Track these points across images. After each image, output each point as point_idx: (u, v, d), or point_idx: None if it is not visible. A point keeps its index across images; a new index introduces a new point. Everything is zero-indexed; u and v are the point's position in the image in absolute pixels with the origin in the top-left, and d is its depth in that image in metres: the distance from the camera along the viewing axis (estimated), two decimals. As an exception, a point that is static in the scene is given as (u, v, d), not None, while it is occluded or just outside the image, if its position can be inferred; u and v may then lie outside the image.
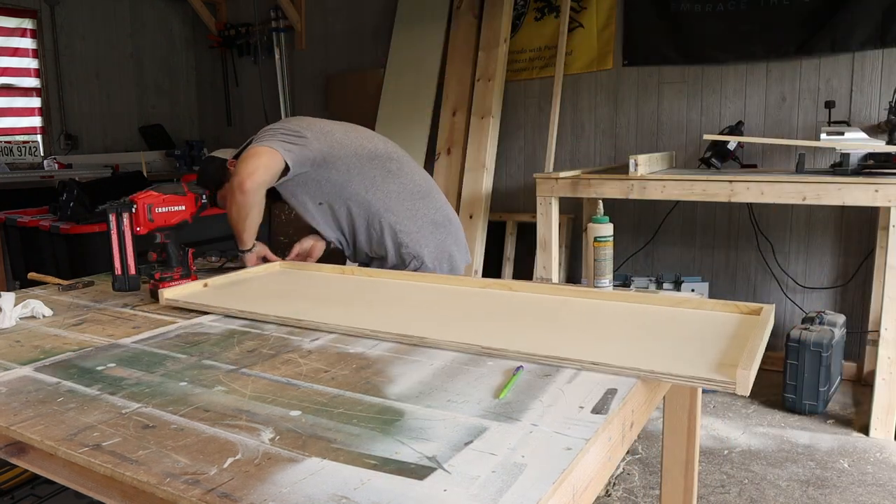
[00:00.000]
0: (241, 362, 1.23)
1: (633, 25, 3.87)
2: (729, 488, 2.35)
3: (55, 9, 5.00)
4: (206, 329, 1.47)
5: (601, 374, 1.11)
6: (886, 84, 3.23)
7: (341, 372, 1.16)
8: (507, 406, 1.00)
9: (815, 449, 2.63)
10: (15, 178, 4.29)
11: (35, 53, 4.95)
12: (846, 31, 3.27)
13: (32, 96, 4.98)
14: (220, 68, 5.79)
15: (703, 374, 1.06)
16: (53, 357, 1.29)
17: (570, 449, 0.85)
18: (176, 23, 5.91)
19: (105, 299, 1.80)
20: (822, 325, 2.98)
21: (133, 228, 1.75)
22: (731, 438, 2.73)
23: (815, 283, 3.53)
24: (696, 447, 1.74)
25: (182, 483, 0.79)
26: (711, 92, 3.70)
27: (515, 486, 0.76)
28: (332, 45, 5.12)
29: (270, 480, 0.79)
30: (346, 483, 0.78)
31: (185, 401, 1.05)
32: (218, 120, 5.94)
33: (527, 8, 4.21)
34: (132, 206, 1.73)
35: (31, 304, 1.62)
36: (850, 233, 3.41)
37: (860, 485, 2.35)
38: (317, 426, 0.94)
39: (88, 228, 2.78)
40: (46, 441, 0.92)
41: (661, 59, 3.80)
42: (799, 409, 2.93)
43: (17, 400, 1.07)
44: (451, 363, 1.19)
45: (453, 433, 0.91)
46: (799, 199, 2.71)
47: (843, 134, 2.89)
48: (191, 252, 1.92)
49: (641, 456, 2.61)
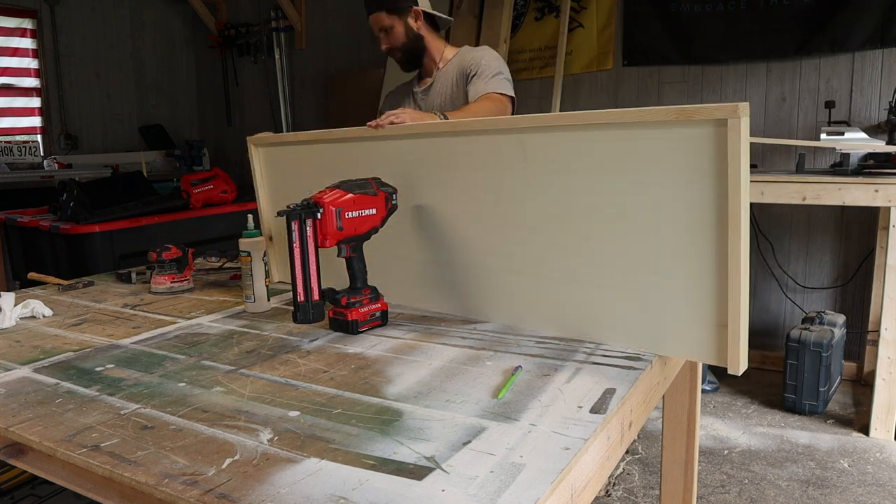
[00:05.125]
0: (240, 363, 1.23)
1: (633, 25, 3.87)
2: (729, 488, 2.34)
3: (55, 9, 5.00)
4: (205, 329, 1.47)
5: (599, 371, 1.11)
6: (886, 84, 3.23)
7: (340, 372, 1.17)
8: (506, 406, 1.00)
9: (815, 449, 2.62)
10: (15, 178, 4.29)
11: (35, 53, 4.95)
12: (846, 31, 3.27)
13: (32, 96, 4.98)
14: (220, 68, 5.78)
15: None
16: (53, 357, 1.29)
17: (569, 449, 0.85)
18: (176, 23, 5.90)
19: (105, 299, 1.80)
20: (822, 325, 2.98)
21: (317, 239, 1.36)
22: (731, 438, 2.73)
23: (815, 283, 3.52)
24: (696, 447, 1.74)
25: (180, 484, 0.79)
26: (711, 92, 3.69)
27: (514, 486, 0.76)
28: (332, 45, 5.11)
29: (269, 481, 0.79)
30: (345, 483, 0.78)
31: (184, 401, 1.05)
32: (218, 120, 5.94)
33: (527, 8, 4.20)
34: (318, 209, 1.34)
35: (31, 304, 1.62)
36: (850, 233, 3.41)
37: (860, 485, 2.34)
38: (315, 426, 0.94)
39: (88, 228, 2.78)
40: (45, 442, 0.92)
41: (661, 59, 3.80)
42: (799, 409, 2.92)
43: (16, 401, 1.07)
44: (449, 363, 1.19)
45: (452, 433, 0.91)
46: (799, 199, 2.71)
47: (843, 134, 2.89)
48: (191, 252, 1.92)
49: (641, 456, 2.61)
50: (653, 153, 1.15)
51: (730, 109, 1.03)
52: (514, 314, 1.41)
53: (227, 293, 1.84)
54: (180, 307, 1.69)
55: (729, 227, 1.07)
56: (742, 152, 1.03)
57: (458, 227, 1.48)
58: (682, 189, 1.12)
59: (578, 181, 1.26)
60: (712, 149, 1.07)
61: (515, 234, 1.37)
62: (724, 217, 1.07)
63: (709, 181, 1.08)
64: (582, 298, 1.29)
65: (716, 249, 1.10)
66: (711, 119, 1.06)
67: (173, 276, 1.86)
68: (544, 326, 1.36)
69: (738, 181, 1.05)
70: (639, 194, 1.17)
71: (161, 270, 1.86)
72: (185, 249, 1.89)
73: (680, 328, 1.17)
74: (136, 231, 2.93)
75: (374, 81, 4.73)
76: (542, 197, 1.32)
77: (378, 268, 1.50)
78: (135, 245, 2.87)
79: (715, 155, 1.07)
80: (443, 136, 1.49)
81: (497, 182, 1.38)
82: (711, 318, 1.12)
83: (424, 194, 1.53)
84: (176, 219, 3.11)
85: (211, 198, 3.31)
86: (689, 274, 1.14)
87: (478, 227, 1.44)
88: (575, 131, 1.25)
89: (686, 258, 1.13)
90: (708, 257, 1.11)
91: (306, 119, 5.30)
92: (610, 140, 1.20)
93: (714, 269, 1.10)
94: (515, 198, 1.36)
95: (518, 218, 1.36)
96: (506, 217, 1.38)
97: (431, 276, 1.56)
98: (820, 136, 2.93)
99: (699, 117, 1.07)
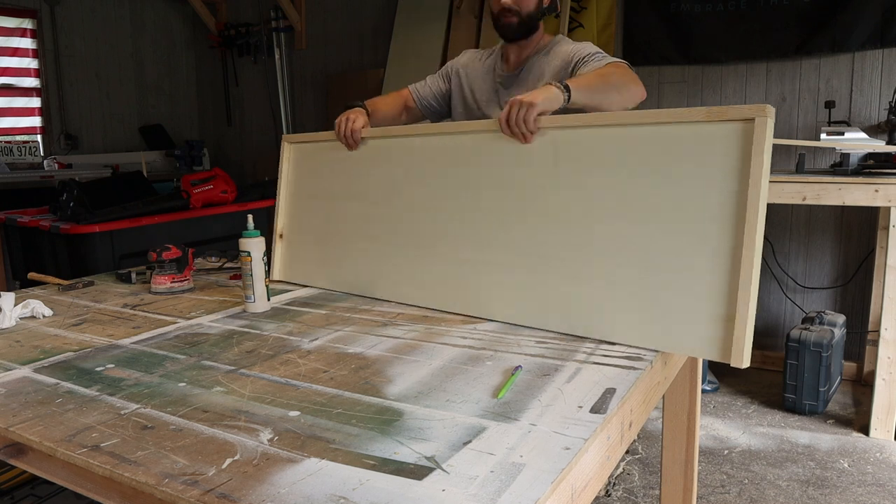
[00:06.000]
0: (240, 363, 1.23)
1: (633, 25, 3.87)
2: (729, 488, 2.34)
3: (55, 9, 5.00)
4: (205, 329, 1.47)
5: (600, 370, 1.11)
6: (886, 84, 3.23)
7: (340, 372, 1.17)
8: (506, 406, 1.00)
9: (815, 449, 2.62)
10: (15, 178, 4.29)
11: (35, 53, 4.94)
12: (846, 31, 3.27)
13: (32, 96, 4.98)
14: (220, 68, 5.79)
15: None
16: (53, 357, 1.29)
17: (569, 448, 0.85)
18: (176, 23, 5.90)
19: (105, 299, 1.80)
20: (822, 325, 2.98)
21: None
22: (731, 438, 2.73)
23: (815, 283, 3.52)
24: (696, 447, 1.74)
25: (181, 484, 0.79)
26: (711, 92, 3.69)
27: (514, 486, 0.76)
28: (332, 45, 5.11)
29: (269, 481, 0.79)
30: (345, 483, 0.78)
31: (184, 401, 1.05)
32: (218, 120, 5.94)
33: (527, 8, 4.20)
34: None
35: (31, 304, 1.62)
36: (850, 233, 3.41)
37: (860, 485, 2.34)
38: (315, 426, 0.94)
39: (88, 228, 2.78)
40: (45, 442, 0.92)
41: (661, 59, 3.80)
42: (799, 409, 2.92)
43: (17, 401, 1.07)
44: (449, 363, 1.19)
45: (452, 433, 0.91)
46: (799, 199, 2.71)
47: (843, 134, 2.89)
48: (191, 252, 1.92)
49: (641, 456, 2.61)
50: (680, 150, 1.21)
51: (758, 109, 1.12)
52: (522, 312, 1.42)
53: (227, 293, 1.84)
54: (180, 307, 1.69)
55: (746, 221, 1.12)
56: (766, 149, 1.12)
57: (476, 224, 1.51)
58: (705, 184, 1.18)
59: (603, 179, 1.31)
60: (738, 146, 1.15)
61: (531, 231, 1.40)
62: (743, 211, 1.13)
63: (732, 176, 1.15)
64: (591, 295, 1.31)
65: (732, 244, 1.14)
66: (740, 118, 1.15)
67: (173, 276, 1.86)
68: (551, 323, 1.37)
69: (760, 176, 1.12)
70: (660, 191, 1.24)
71: (161, 270, 1.86)
72: (185, 249, 1.89)
73: (688, 324, 1.19)
74: (136, 231, 2.92)
75: (374, 81, 4.73)
76: (563, 194, 1.36)
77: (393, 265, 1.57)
78: (135, 245, 2.86)
79: (740, 152, 1.14)
80: (469, 133, 1.53)
81: (521, 179, 1.42)
82: (720, 312, 1.15)
83: (443, 191, 1.57)
84: (176, 219, 3.11)
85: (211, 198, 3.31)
86: (702, 269, 1.17)
87: (497, 224, 1.47)
88: (604, 129, 1.30)
89: (702, 253, 1.18)
90: (723, 252, 1.15)
91: (306, 119, 5.30)
92: (637, 138, 1.26)
93: (728, 263, 1.15)
94: (538, 195, 1.39)
95: (537, 215, 1.40)
96: (524, 214, 1.42)
97: (444, 275, 1.57)
98: (820, 136, 2.93)
99: (728, 117, 1.16)
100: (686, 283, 1.19)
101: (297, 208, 1.95)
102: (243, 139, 5.80)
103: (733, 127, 1.15)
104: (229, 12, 5.63)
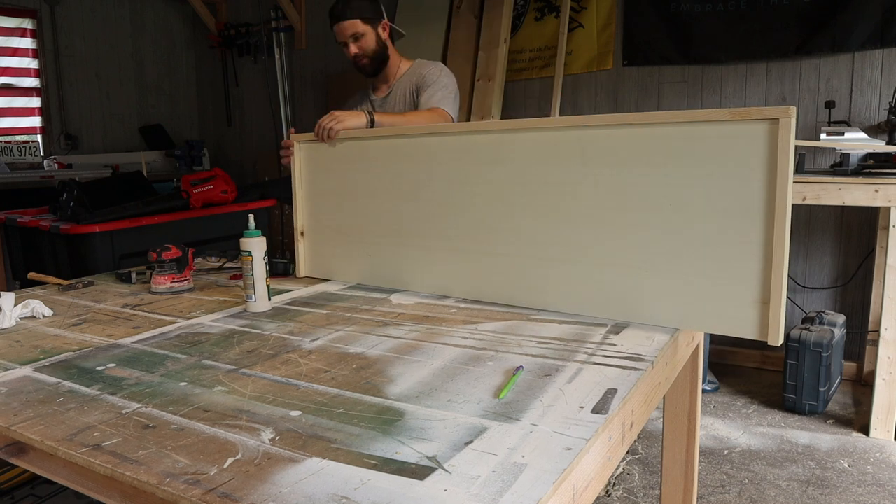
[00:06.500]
0: (241, 362, 1.23)
1: (633, 25, 3.87)
2: (729, 488, 2.35)
3: (55, 9, 5.00)
4: (205, 329, 1.47)
5: (601, 371, 1.11)
6: (886, 84, 3.23)
7: (341, 372, 1.17)
8: (508, 406, 1.00)
9: (815, 449, 2.62)
10: (15, 178, 4.29)
11: (35, 53, 4.94)
12: (846, 31, 3.27)
13: (32, 96, 4.98)
14: (220, 68, 5.78)
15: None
16: (53, 357, 1.29)
17: (571, 449, 0.85)
18: (176, 23, 5.90)
19: (105, 299, 1.80)
20: (822, 325, 2.98)
21: None
22: (731, 438, 2.73)
23: (815, 283, 3.53)
24: (696, 447, 1.74)
25: (182, 483, 0.79)
26: (711, 92, 3.70)
27: (516, 486, 0.76)
28: (332, 45, 5.09)
29: (270, 480, 0.79)
30: (347, 483, 0.78)
31: (185, 401, 1.05)
32: (218, 120, 5.94)
33: (527, 8, 4.21)
34: None
35: (31, 304, 1.62)
36: (850, 233, 3.41)
37: (860, 485, 2.34)
38: (317, 426, 0.94)
39: (88, 228, 2.78)
40: (46, 441, 0.92)
41: (661, 59, 3.80)
42: (799, 409, 2.93)
43: (17, 400, 1.07)
44: (450, 363, 1.19)
45: (453, 433, 0.91)
46: (799, 199, 2.71)
47: (843, 134, 2.89)
48: (191, 252, 1.92)
49: (641, 456, 2.61)
50: (709, 148, 1.28)
51: (782, 111, 1.22)
52: (566, 300, 1.51)
53: (227, 293, 1.84)
54: (180, 307, 1.69)
55: (776, 214, 1.22)
56: (790, 147, 1.20)
57: (513, 218, 1.57)
58: (735, 179, 1.26)
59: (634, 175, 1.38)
60: (764, 144, 1.23)
61: (569, 224, 1.48)
62: (772, 205, 1.23)
63: (759, 172, 1.24)
64: (631, 284, 1.40)
65: (763, 235, 1.24)
66: (765, 118, 1.23)
67: (173, 276, 1.86)
68: (595, 310, 1.46)
69: (786, 172, 1.21)
70: (693, 185, 1.30)
71: (161, 270, 1.86)
72: (185, 249, 1.89)
73: (728, 308, 1.29)
74: (136, 231, 2.92)
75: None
76: (596, 189, 1.43)
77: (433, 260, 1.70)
78: (135, 245, 2.86)
79: (766, 149, 1.23)
80: (501, 132, 1.60)
81: (554, 176, 1.49)
82: (756, 297, 1.26)
83: (477, 188, 1.63)
84: (176, 219, 3.11)
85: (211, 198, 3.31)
86: (739, 259, 1.27)
87: (532, 217, 1.54)
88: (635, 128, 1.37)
89: (736, 244, 1.27)
90: (757, 243, 1.25)
91: (307, 119, 5.30)
92: (667, 137, 1.33)
93: (761, 253, 1.25)
94: (571, 190, 1.47)
95: (573, 209, 1.47)
96: (559, 208, 1.50)
97: (487, 267, 1.63)
98: (820, 136, 2.93)
99: (754, 117, 1.24)
100: (724, 272, 1.29)
101: (315, 206, 1.99)
102: (243, 139, 5.80)
103: (759, 127, 1.23)
104: (229, 12, 5.63)
